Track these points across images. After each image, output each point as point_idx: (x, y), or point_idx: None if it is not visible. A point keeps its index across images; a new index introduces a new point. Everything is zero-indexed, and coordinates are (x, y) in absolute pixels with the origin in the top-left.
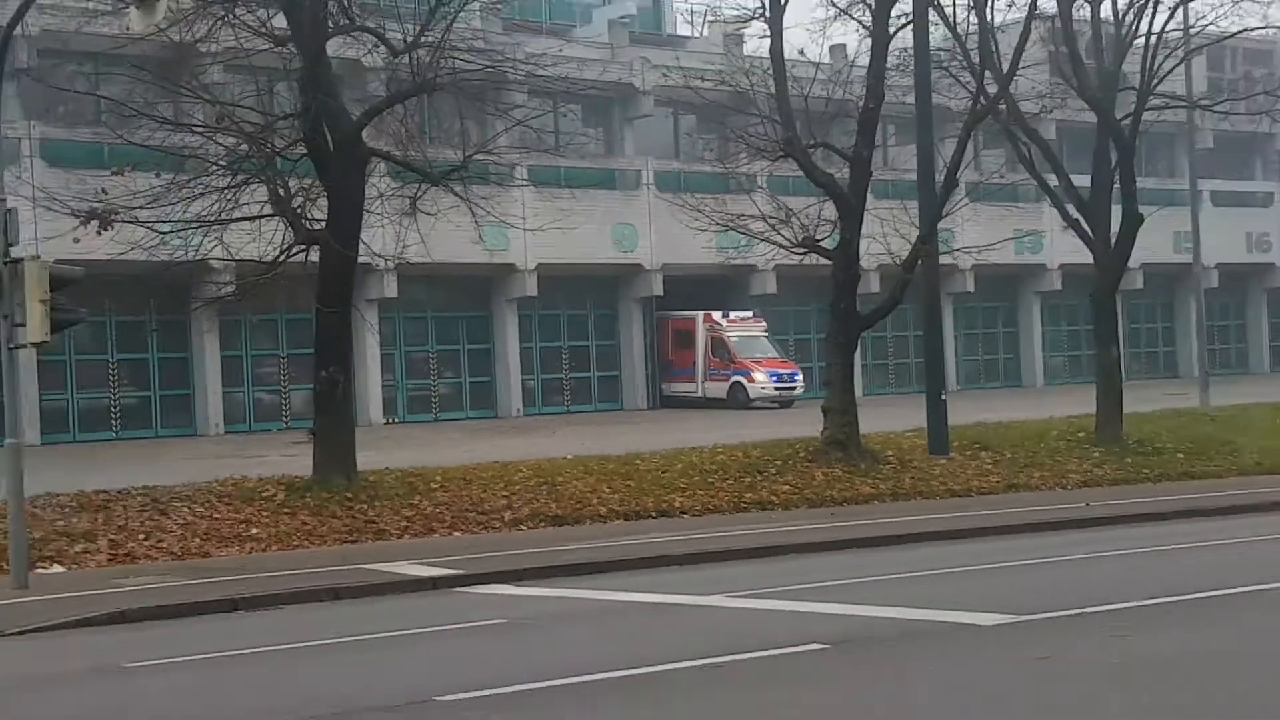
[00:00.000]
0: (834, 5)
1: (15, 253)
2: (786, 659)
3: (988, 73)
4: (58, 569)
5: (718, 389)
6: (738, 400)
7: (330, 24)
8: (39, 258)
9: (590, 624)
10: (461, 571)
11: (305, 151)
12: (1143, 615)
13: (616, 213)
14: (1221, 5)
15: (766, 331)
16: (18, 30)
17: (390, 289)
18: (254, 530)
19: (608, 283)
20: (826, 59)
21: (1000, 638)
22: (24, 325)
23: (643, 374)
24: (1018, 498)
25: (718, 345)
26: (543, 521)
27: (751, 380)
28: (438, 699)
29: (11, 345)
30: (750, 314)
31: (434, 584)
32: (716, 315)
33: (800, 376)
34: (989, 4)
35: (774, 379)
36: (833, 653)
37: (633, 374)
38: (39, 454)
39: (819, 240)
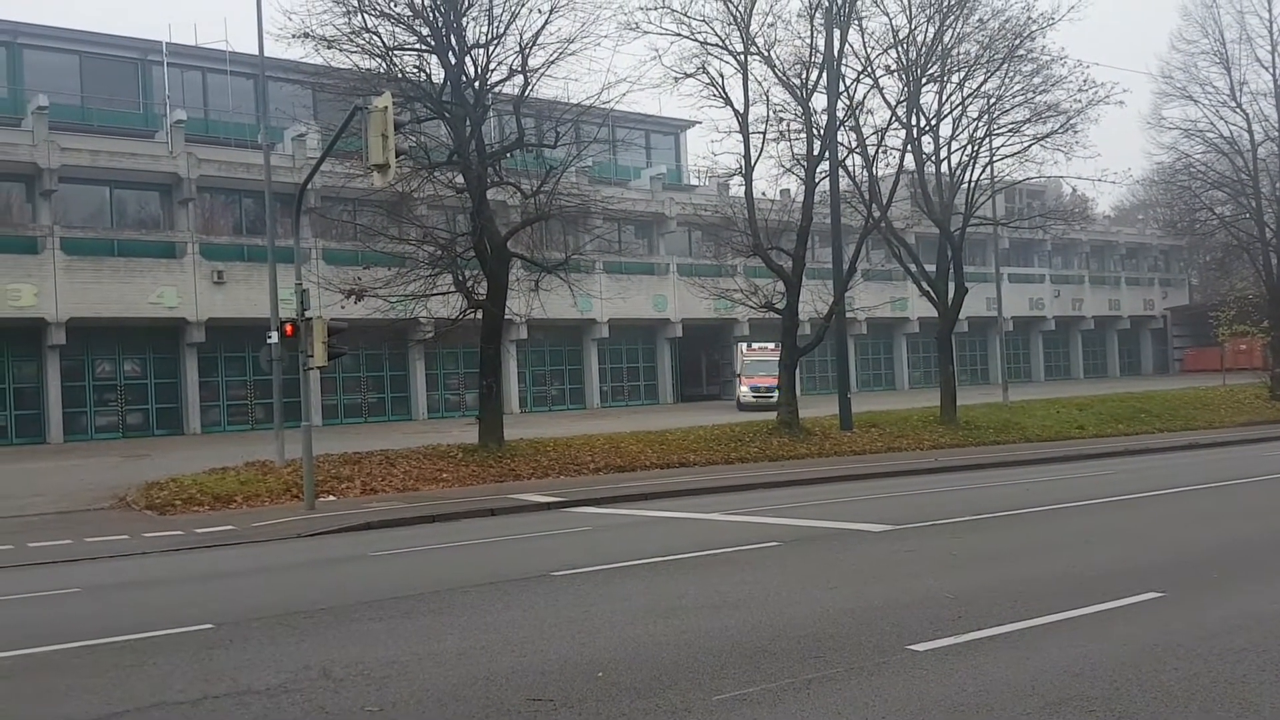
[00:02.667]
0: (783, 166)
1: (308, 314)
2: (756, 550)
3: (874, 204)
4: (331, 498)
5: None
6: (738, 403)
7: (489, 180)
8: (320, 316)
9: (640, 529)
10: (565, 498)
11: (475, 254)
12: (970, 524)
13: (654, 288)
14: (1013, 164)
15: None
16: (309, 186)
17: (523, 333)
18: (445, 475)
19: (649, 330)
20: (778, 197)
21: (884, 538)
22: (312, 356)
23: (670, 383)
24: (894, 455)
25: (740, 365)
26: (611, 469)
27: (740, 389)
28: (553, 574)
29: (306, 368)
30: (771, 345)
31: (549, 506)
32: (747, 346)
33: (776, 388)
34: (874, 165)
35: (753, 391)
36: (784, 547)
37: (665, 383)
38: (319, 432)
39: (774, 304)
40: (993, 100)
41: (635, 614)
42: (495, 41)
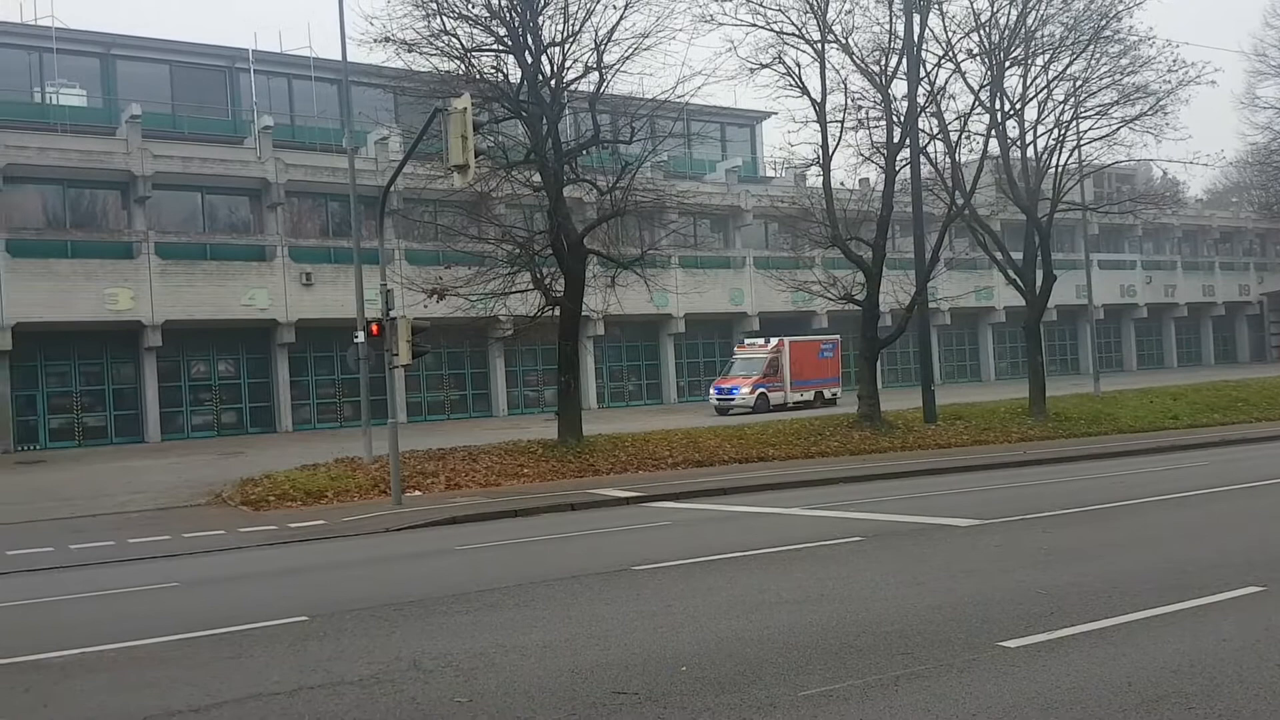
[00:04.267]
0: (861, 155)
1: (393, 314)
2: (839, 546)
3: (958, 191)
4: (416, 493)
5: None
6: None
7: (565, 178)
8: (404, 316)
9: (719, 524)
10: (644, 493)
11: (552, 251)
12: (1062, 518)
13: (730, 282)
14: (1101, 147)
15: (775, 352)
16: (391, 188)
17: (600, 330)
18: (525, 470)
19: (725, 324)
20: (857, 186)
21: (972, 533)
22: (397, 355)
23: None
24: (981, 448)
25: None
26: (690, 464)
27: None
28: (633, 568)
29: (391, 366)
30: (761, 341)
31: (628, 501)
32: (739, 343)
33: (741, 392)
34: (957, 151)
35: (717, 393)
36: (867, 542)
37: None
38: (404, 429)
39: (854, 295)
40: (1079, 83)
41: (717, 609)
42: (571, 39)
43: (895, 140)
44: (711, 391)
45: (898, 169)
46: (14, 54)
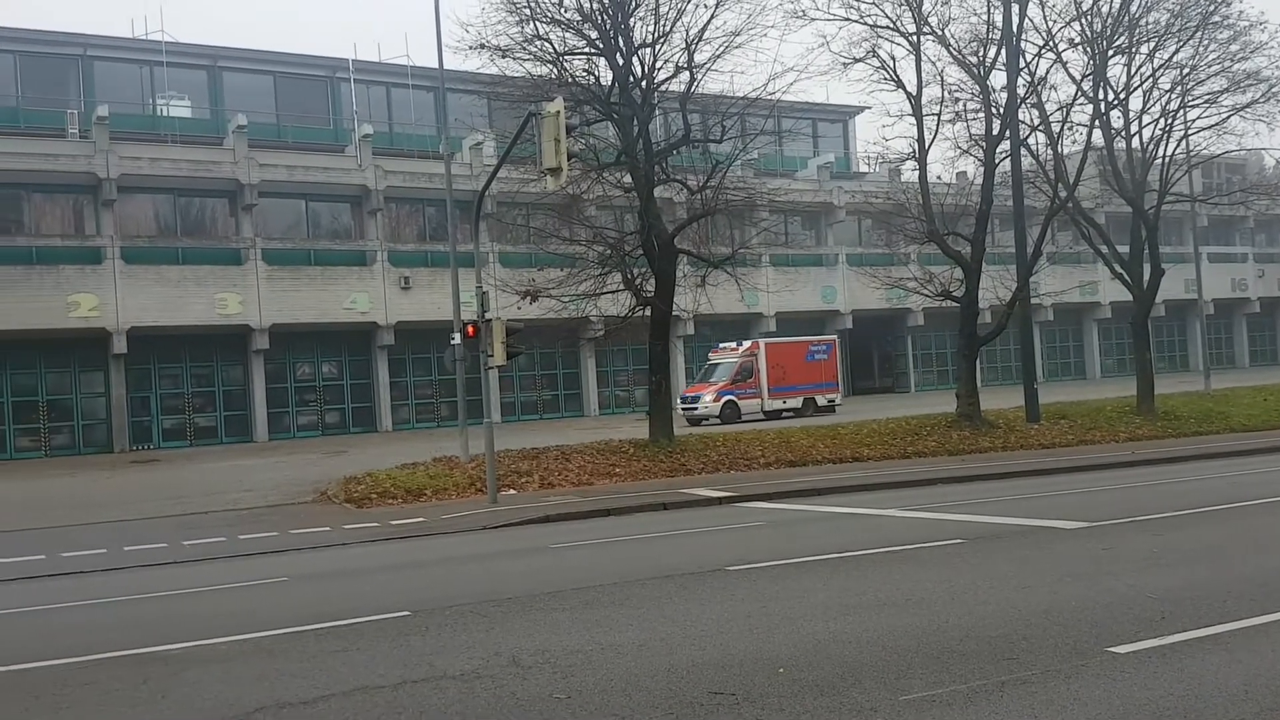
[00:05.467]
0: (959, 148)
1: (488, 315)
2: (938, 547)
3: (1060, 184)
4: (511, 492)
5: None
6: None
7: (656, 179)
8: (499, 318)
9: (813, 524)
10: (736, 493)
11: (642, 252)
12: (1173, 520)
13: (822, 279)
14: (1210, 136)
15: (748, 355)
16: (486, 193)
17: (690, 329)
18: (617, 469)
19: (817, 322)
20: (954, 180)
21: (1079, 535)
22: (492, 356)
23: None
24: (1086, 448)
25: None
26: (782, 464)
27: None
28: (727, 568)
29: (487, 367)
30: (734, 344)
31: (720, 501)
32: (714, 348)
33: (704, 400)
34: (1059, 143)
35: (683, 401)
36: (968, 545)
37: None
38: (498, 428)
39: (952, 292)
40: (1186, 70)
41: (814, 610)
42: (662, 40)
43: (994, 132)
44: (678, 401)
45: (997, 162)
46: (127, 68)
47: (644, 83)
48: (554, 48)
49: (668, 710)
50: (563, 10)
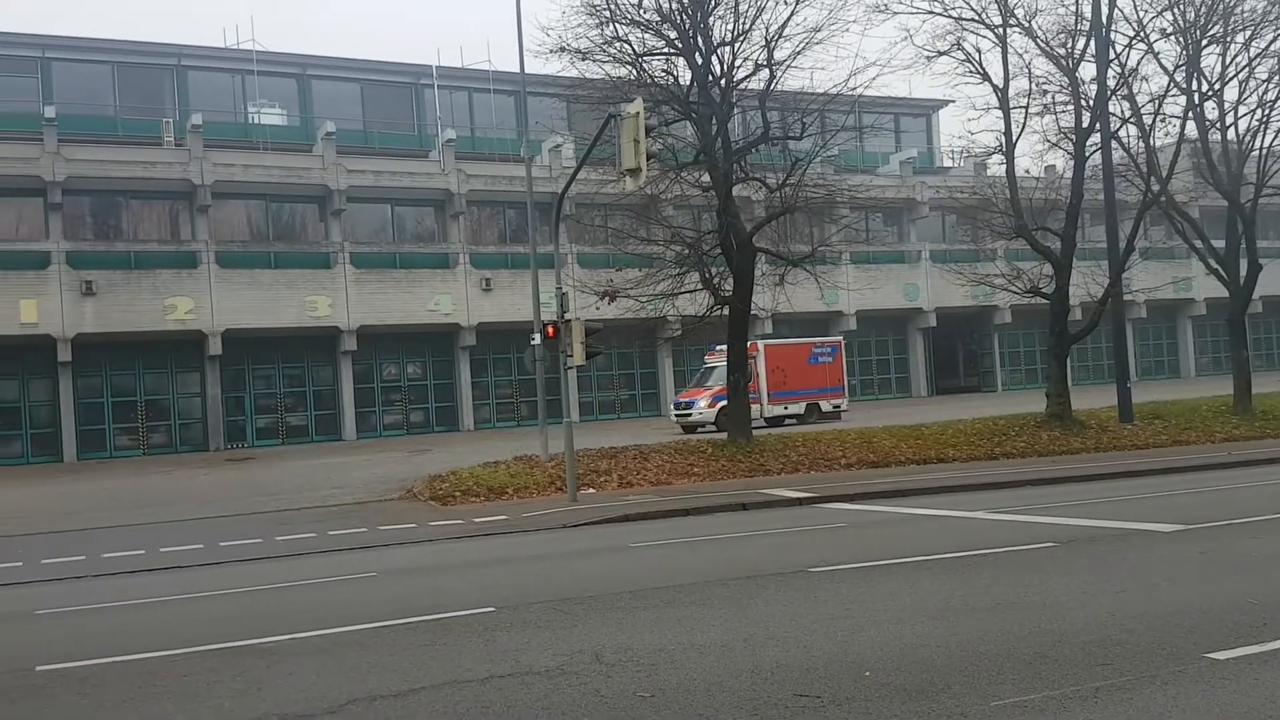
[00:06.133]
0: (1048, 141)
1: (567, 316)
2: (1029, 551)
3: (1153, 177)
4: (591, 491)
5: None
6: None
7: (734, 177)
8: (578, 318)
9: (897, 526)
10: (816, 494)
11: (721, 251)
12: (1271, 524)
13: (905, 277)
14: None
15: (748, 358)
16: (566, 195)
17: (768, 328)
18: (696, 469)
19: (900, 320)
20: (1042, 174)
21: (1174, 539)
22: (572, 356)
23: (923, 374)
24: (1181, 449)
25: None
26: (864, 465)
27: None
28: (810, 570)
29: (566, 367)
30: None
31: (800, 501)
32: (710, 349)
33: (698, 405)
34: (1151, 135)
35: (675, 406)
36: (1060, 548)
37: (918, 375)
38: (577, 427)
39: (1041, 288)
40: None
41: (900, 613)
42: (741, 38)
43: (1084, 125)
44: (671, 406)
45: (1087, 155)
46: (220, 77)
47: (723, 81)
48: (633, 49)
49: (752, 711)
50: (642, 11)
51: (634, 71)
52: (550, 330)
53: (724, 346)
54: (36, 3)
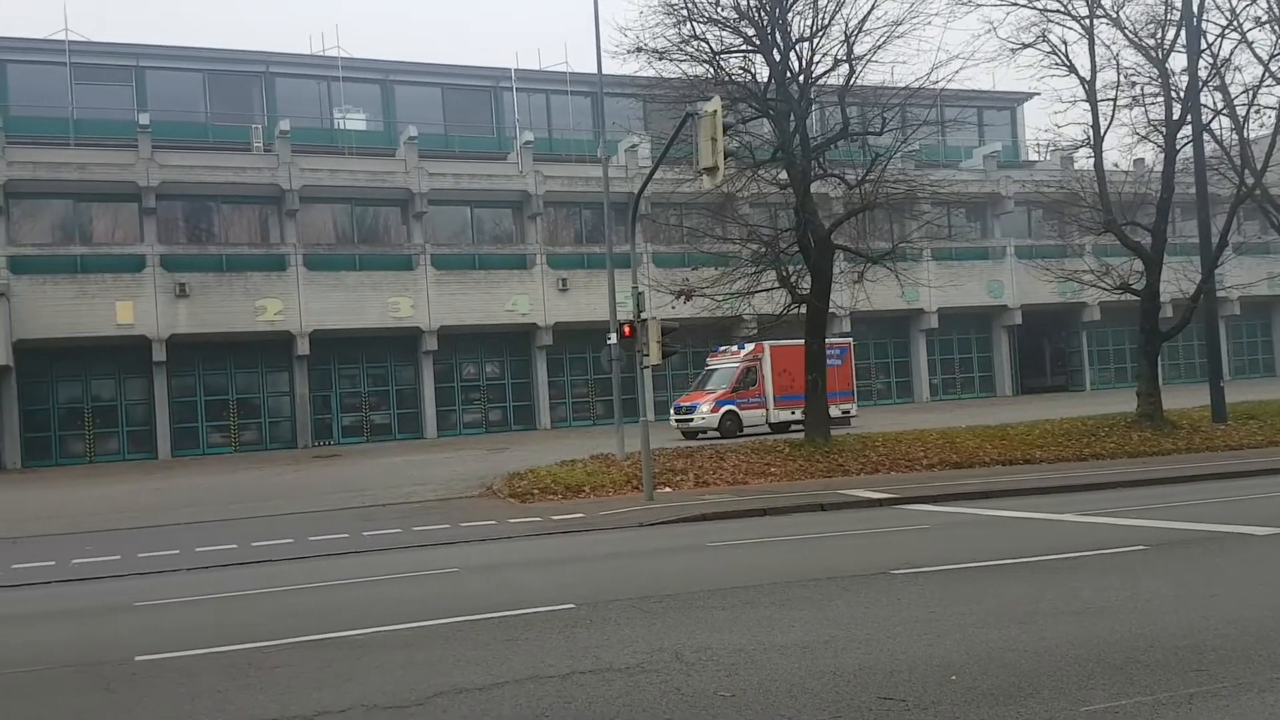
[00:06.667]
0: (1137, 134)
1: (643, 315)
2: (1120, 554)
3: (1246, 170)
4: (667, 490)
5: None
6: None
7: (812, 174)
8: (655, 317)
9: (982, 528)
10: (897, 495)
11: (798, 249)
12: None
13: (989, 273)
14: None
15: (751, 360)
16: (644, 194)
17: (845, 326)
18: (773, 469)
19: (983, 317)
20: (1131, 168)
21: (1270, 542)
22: (648, 355)
23: (1008, 373)
24: (1277, 450)
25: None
26: (946, 465)
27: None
28: (891, 572)
29: (642, 366)
30: (735, 347)
31: (880, 503)
32: (713, 351)
33: (700, 410)
34: (1245, 127)
35: (676, 410)
36: (1151, 551)
37: (1002, 374)
38: (653, 426)
39: (1131, 284)
40: None
41: (986, 617)
42: (820, 33)
43: (1175, 117)
44: (671, 411)
45: (1178, 148)
46: (307, 84)
47: (801, 77)
48: (710, 47)
49: (835, 714)
50: (720, 9)
51: (711, 70)
52: (627, 329)
53: (726, 347)
54: (133, 13)
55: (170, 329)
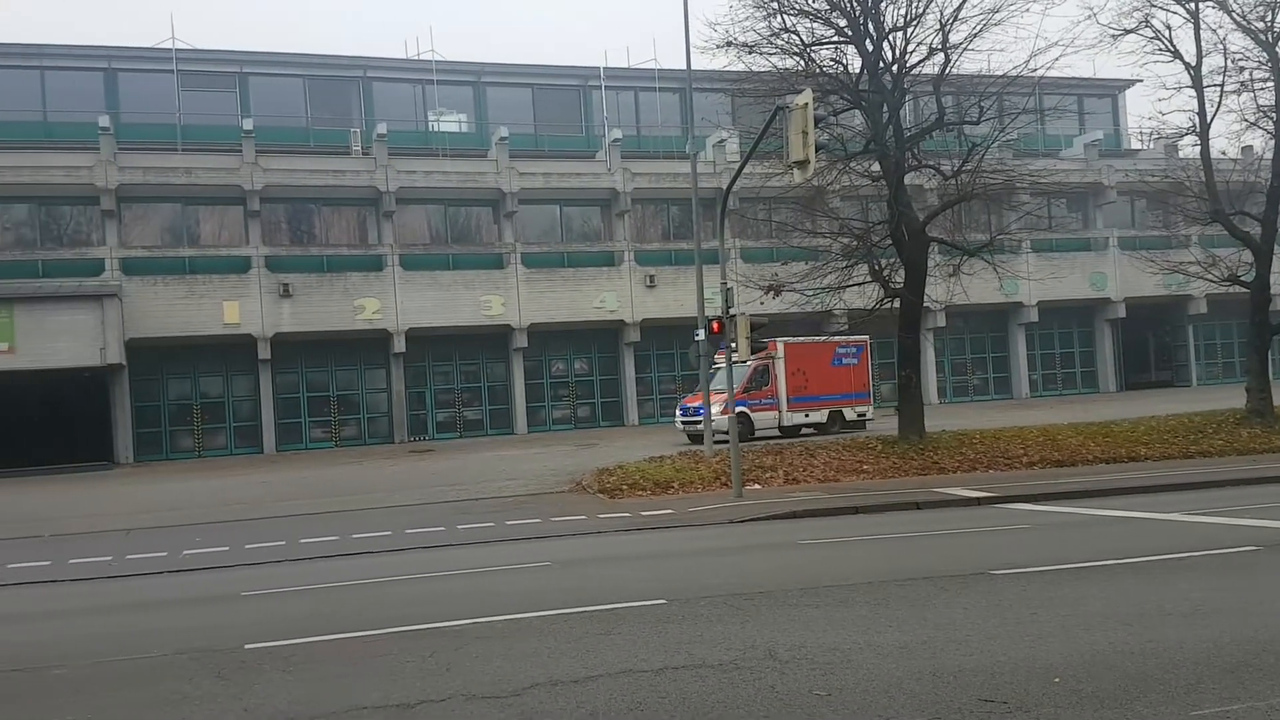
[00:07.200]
0: (1245, 121)
1: (732, 311)
2: (1230, 555)
3: None
4: (756, 487)
5: None
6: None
7: (906, 165)
8: (744, 313)
9: (1085, 528)
10: (996, 494)
11: (891, 242)
12: None
13: (1091, 265)
14: None
15: (764, 358)
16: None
17: (941, 321)
18: (865, 467)
19: (1085, 311)
20: (1240, 155)
21: None
22: (737, 350)
23: (1111, 368)
24: None
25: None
26: (1047, 463)
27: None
28: (991, 572)
29: (732, 361)
30: None
31: (978, 501)
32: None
33: (710, 411)
34: None
35: (683, 413)
36: (1264, 552)
37: (1105, 369)
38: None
39: (1239, 276)
40: None
41: (1090, 619)
42: (914, 22)
43: None
44: (677, 413)
45: None
46: (402, 87)
47: (894, 67)
48: (801, 39)
49: (934, 715)
50: (811, 1)
51: (802, 62)
52: (716, 325)
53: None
54: (235, 19)
55: (274, 328)
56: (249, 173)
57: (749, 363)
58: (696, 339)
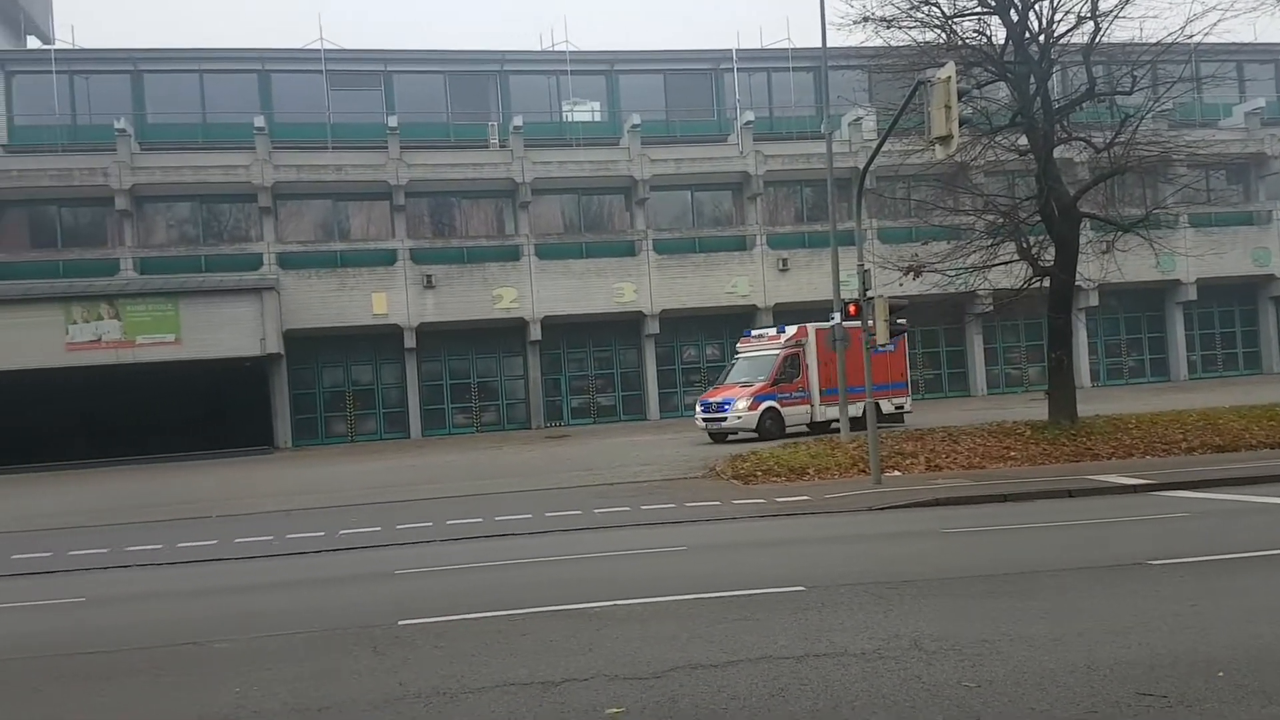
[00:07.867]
0: None
1: (870, 294)
2: None
3: None
4: (895, 473)
5: None
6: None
7: (1055, 138)
8: (882, 295)
9: (1250, 517)
10: (1153, 481)
11: (1040, 218)
12: None
13: (1254, 240)
14: None
15: (793, 346)
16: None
17: (1092, 300)
18: (1012, 453)
19: (1247, 289)
20: None
21: None
22: (875, 334)
23: (1276, 349)
24: None
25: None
26: (1208, 449)
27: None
28: (1148, 562)
29: (870, 346)
30: (773, 332)
31: (1134, 489)
32: (744, 335)
33: (735, 407)
34: None
35: (704, 408)
36: None
37: (1271, 350)
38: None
39: None
40: None
41: (1256, 612)
42: None
43: None
44: (697, 408)
45: None
46: (537, 79)
47: (1041, 37)
48: (942, 11)
49: (1089, 709)
50: None
51: (943, 35)
52: (852, 308)
53: (761, 332)
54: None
55: (419, 318)
56: (394, 168)
57: (778, 352)
58: (832, 322)
